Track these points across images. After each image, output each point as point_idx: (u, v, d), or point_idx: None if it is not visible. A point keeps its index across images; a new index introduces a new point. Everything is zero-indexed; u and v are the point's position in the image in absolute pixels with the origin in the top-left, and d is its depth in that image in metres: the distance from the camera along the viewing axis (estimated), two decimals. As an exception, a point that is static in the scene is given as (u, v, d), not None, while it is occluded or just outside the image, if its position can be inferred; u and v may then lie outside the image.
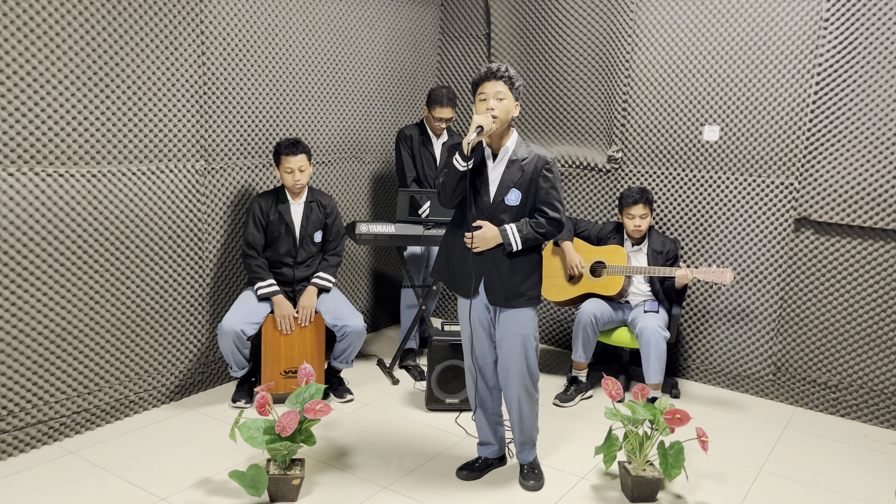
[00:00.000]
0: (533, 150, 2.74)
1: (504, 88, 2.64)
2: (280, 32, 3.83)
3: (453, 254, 2.85)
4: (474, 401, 2.98)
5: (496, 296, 2.77)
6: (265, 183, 3.88)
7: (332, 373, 3.77)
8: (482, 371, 2.93)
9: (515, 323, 2.78)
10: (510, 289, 2.75)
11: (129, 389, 3.36)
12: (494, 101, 2.63)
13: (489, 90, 2.64)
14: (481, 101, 2.66)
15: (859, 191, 3.67)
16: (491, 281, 2.77)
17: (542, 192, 2.72)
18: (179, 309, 3.53)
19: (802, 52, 3.74)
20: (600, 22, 4.34)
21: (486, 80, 2.66)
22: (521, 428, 2.93)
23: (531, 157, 2.72)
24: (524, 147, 2.75)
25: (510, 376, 2.84)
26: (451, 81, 5.06)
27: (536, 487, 2.91)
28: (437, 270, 2.94)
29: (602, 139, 4.45)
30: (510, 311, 2.78)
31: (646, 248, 3.87)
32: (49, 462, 2.93)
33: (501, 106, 2.63)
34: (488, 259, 2.76)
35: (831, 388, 3.87)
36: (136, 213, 3.27)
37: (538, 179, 2.71)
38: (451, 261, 2.87)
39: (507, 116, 2.66)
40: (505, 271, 2.75)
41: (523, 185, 2.71)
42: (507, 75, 2.66)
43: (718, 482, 3.06)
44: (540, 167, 2.71)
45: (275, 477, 2.67)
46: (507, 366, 2.83)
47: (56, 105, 2.91)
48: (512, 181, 2.71)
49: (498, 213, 2.74)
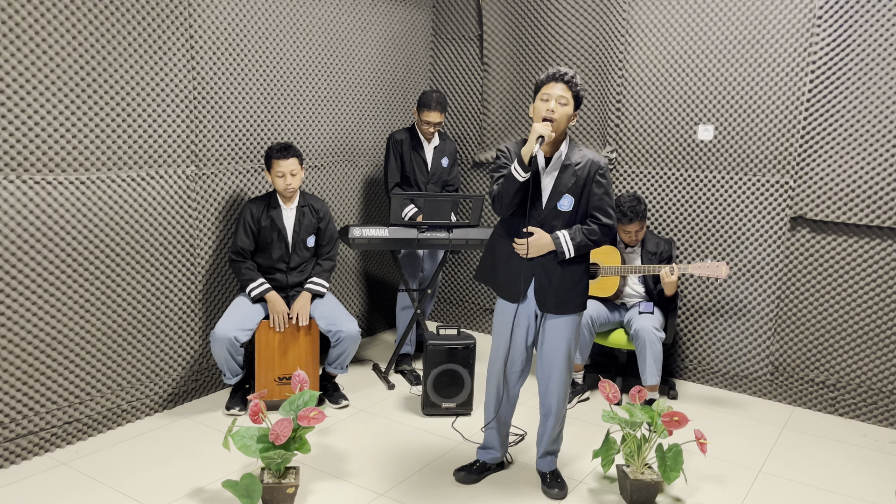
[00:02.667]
0: (586, 155, 2.70)
1: (567, 94, 2.61)
2: (271, 36, 3.80)
3: (500, 258, 2.81)
4: (493, 411, 2.92)
5: (546, 302, 2.74)
6: (257, 188, 3.85)
7: (326, 378, 3.74)
8: (508, 380, 2.88)
9: (563, 329, 2.76)
10: (560, 295, 2.72)
11: (122, 398, 3.32)
12: (556, 104, 2.59)
13: (553, 92, 2.60)
14: (543, 101, 2.62)
15: (855, 188, 3.65)
16: (541, 287, 2.73)
17: (596, 197, 2.69)
18: (172, 316, 3.49)
19: (796, 50, 3.73)
20: (593, 22, 4.32)
21: (553, 82, 2.62)
22: (554, 435, 2.91)
23: (584, 162, 2.68)
24: (577, 152, 2.71)
25: (553, 381, 2.82)
26: (443, 83, 5.04)
27: (561, 496, 2.87)
28: (482, 274, 2.90)
29: (596, 140, 4.43)
30: (559, 318, 2.75)
31: (640, 249, 3.85)
32: (40, 473, 2.89)
33: (562, 111, 2.60)
34: (538, 265, 2.72)
35: (829, 387, 3.85)
36: (127, 219, 3.23)
37: (591, 185, 2.68)
38: (496, 265, 2.82)
39: (566, 122, 2.63)
40: (556, 278, 2.71)
41: (576, 190, 2.68)
42: (575, 82, 2.62)
43: (718, 484, 3.04)
44: (593, 173, 2.67)
45: (269, 486, 2.64)
46: (552, 371, 2.81)
47: (44, 111, 2.88)
48: (566, 187, 2.67)
49: (550, 219, 2.70)
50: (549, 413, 2.87)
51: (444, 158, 4.23)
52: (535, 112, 2.64)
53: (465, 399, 3.58)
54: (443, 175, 4.24)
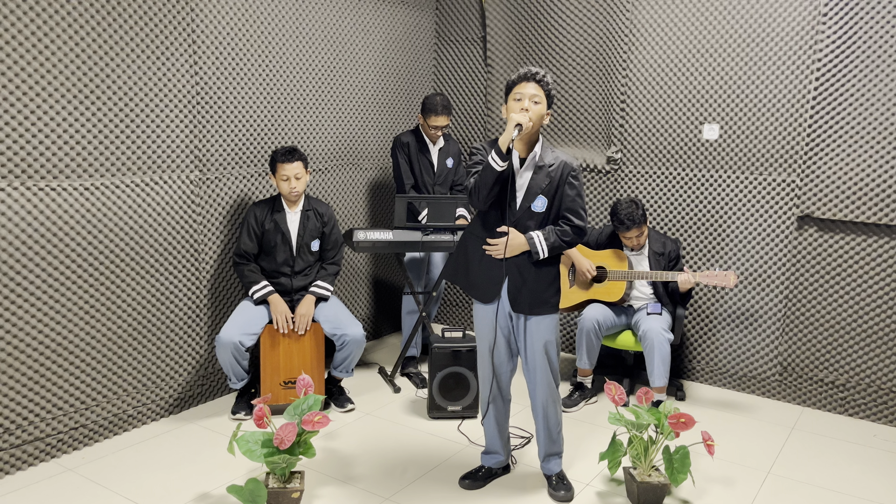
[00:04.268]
0: (559, 157, 2.70)
1: (540, 93, 2.62)
2: (273, 40, 3.80)
3: (472, 258, 2.80)
4: (486, 404, 2.91)
5: (521, 304, 2.73)
6: (261, 192, 3.85)
7: (332, 382, 3.74)
8: (499, 380, 2.88)
9: (540, 330, 2.75)
10: (535, 296, 2.72)
11: (128, 404, 3.33)
12: (530, 102, 2.61)
13: (525, 91, 2.61)
14: (516, 101, 2.63)
15: (862, 186, 3.62)
16: (515, 289, 2.73)
17: (568, 199, 2.69)
18: (177, 321, 3.49)
19: (801, 47, 3.70)
20: (596, 22, 4.30)
21: (524, 82, 2.63)
22: (550, 437, 2.90)
23: (557, 164, 2.69)
24: (550, 153, 2.71)
25: (537, 383, 2.81)
26: (447, 86, 5.03)
27: (567, 498, 2.85)
28: (452, 273, 2.89)
29: (601, 140, 4.41)
30: (535, 319, 2.75)
31: (646, 251, 3.82)
32: (47, 479, 2.90)
33: (536, 109, 2.61)
34: (513, 266, 2.72)
35: (839, 387, 3.82)
36: (132, 225, 3.24)
37: (564, 186, 2.68)
38: (469, 265, 2.82)
39: (539, 121, 2.64)
40: (530, 279, 2.71)
41: (550, 191, 2.68)
42: (545, 81, 2.64)
43: (726, 486, 3.01)
44: (566, 174, 2.68)
45: (274, 490, 2.63)
46: (534, 373, 2.80)
47: (47, 118, 2.88)
48: (539, 188, 2.68)
49: (524, 220, 2.70)
50: (541, 414, 2.87)
51: (449, 159, 4.23)
52: (507, 112, 2.65)
53: (471, 402, 3.57)
54: (449, 176, 4.24)
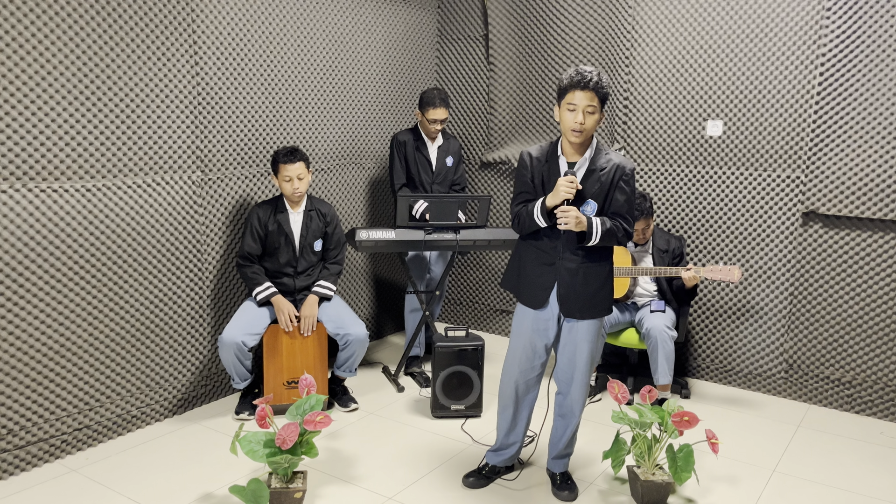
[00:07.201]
0: (612, 160, 2.62)
1: (595, 101, 2.48)
2: (275, 39, 3.80)
3: (525, 264, 2.76)
4: (510, 419, 2.88)
5: (570, 308, 2.69)
6: (264, 193, 3.85)
7: (335, 382, 3.73)
8: (527, 384, 2.85)
9: (586, 334, 2.73)
10: (584, 300, 2.68)
11: (131, 404, 3.33)
12: (584, 114, 2.48)
13: (580, 102, 2.47)
14: (569, 110, 2.50)
15: (868, 182, 3.59)
16: (565, 293, 2.68)
17: (617, 203, 2.63)
18: (180, 322, 3.50)
19: (805, 43, 3.67)
20: (599, 19, 4.29)
21: (578, 90, 2.48)
22: (571, 438, 2.88)
23: (609, 167, 2.61)
24: (603, 156, 2.63)
25: (575, 384, 2.79)
26: (449, 84, 5.02)
27: (571, 498, 2.84)
28: (507, 281, 2.86)
29: (604, 138, 4.39)
30: (582, 323, 2.71)
31: (650, 247, 3.81)
32: (51, 480, 2.90)
33: (590, 121, 2.50)
34: (563, 270, 2.67)
35: (845, 384, 3.79)
36: (134, 226, 3.24)
37: (615, 190, 2.61)
38: (522, 271, 2.78)
39: (594, 128, 2.55)
40: (580, 282, 2.66)
41: (600, 196, 2.62)
42: (602, 85, 2.48)
43: (730, 485, 3.00)
44: (618, 178, 2.60)
45: (276, 490, 2.63)
46: (574, 373, 2.78)
47: (48, 120, 2.89)
48: (590, 192, 2.62)
49: None
50: (568, 415, 2.84)
51: (448, 157, 4.20)
52: (561, 120, 2.55)
53: (475, 401, 3.56)
54: (448, 175, 4.22)
